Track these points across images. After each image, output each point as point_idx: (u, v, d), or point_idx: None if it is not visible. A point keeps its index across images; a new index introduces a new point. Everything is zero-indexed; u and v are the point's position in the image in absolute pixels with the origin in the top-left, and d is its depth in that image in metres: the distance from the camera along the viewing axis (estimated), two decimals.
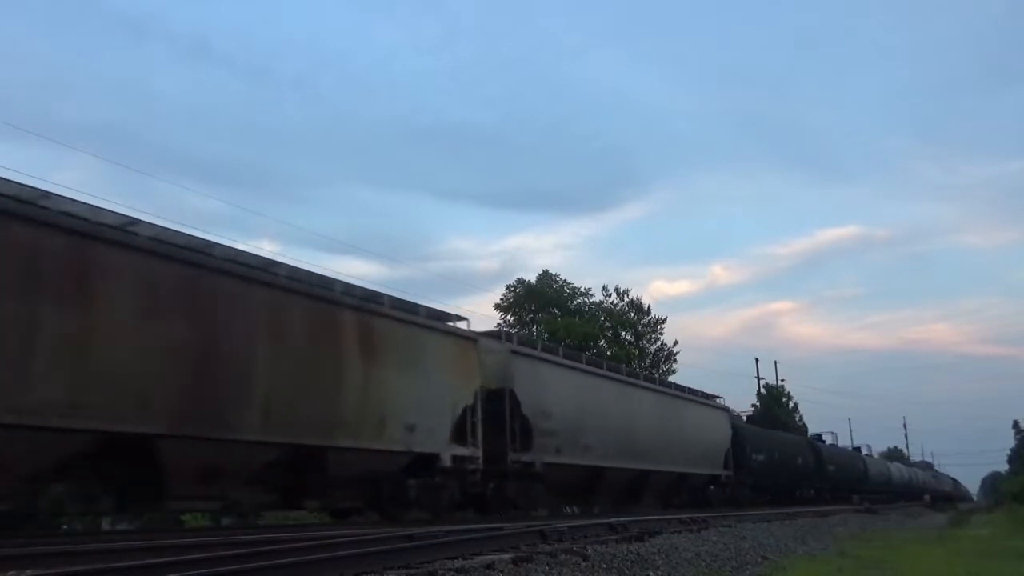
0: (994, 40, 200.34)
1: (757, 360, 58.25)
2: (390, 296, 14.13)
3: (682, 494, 25.93)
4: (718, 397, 29.61)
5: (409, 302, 14.67)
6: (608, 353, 39.02)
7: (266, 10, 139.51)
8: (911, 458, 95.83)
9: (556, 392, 18.17)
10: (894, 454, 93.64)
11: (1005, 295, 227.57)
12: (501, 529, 10.10)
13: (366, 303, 13.24)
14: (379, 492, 13.54)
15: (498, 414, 16.09)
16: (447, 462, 14.38)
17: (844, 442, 60.56)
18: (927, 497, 61.91)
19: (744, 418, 48.50)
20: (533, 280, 41.82)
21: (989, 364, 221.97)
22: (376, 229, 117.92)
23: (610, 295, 42.76)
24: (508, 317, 40.50)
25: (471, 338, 15.85)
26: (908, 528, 25.54)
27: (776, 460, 33.69)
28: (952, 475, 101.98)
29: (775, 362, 60.75)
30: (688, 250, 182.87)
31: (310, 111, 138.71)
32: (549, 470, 17.38)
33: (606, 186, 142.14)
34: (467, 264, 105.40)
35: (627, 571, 8.50)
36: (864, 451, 57.77)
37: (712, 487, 27.85)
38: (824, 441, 53.09)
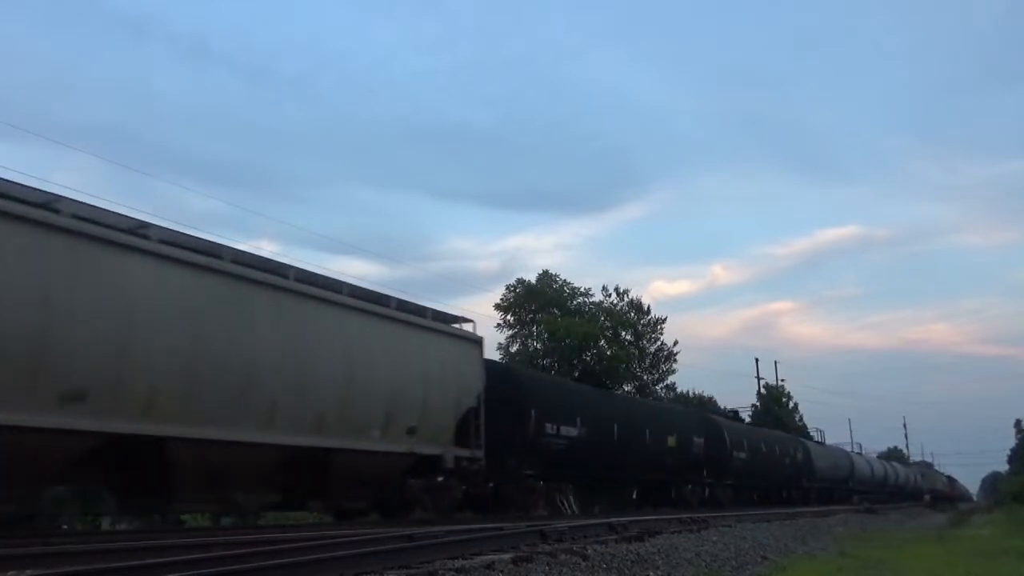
0: (994, 40, 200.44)
1: (757, 360, 58.25)
2: None
3: (331, 489, 13.11)
4: (466, 320, 17.01)
5: None
6: (608, 353, 39.02)
7: (266, 10, 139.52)
8: (911, 458, 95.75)
9: None
10: (894, 454, 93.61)
11: (1005, 295, 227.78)
12: (501, 529, 10.11)
13: None
14: None
15: None
16: None
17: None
18: (927, 497, 61.90)
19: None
20: (533, 280, 41.82)
21: (989, 364, 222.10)
22: (376, 229, 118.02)
23: (610, 295, 42.76)
24: (508, 317, 40.50)
25: None
26: (908, 528, 25.54)
27: (613, 440, 21.39)
28: (952, 475, 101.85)
29: (775, 362, 60.73)
30: (688, 250, 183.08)
31: (310, 111, 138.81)
32: None
33: (606, 186, 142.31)
34: (467, 264, 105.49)
35: (627, 571, 8.50)
36: (817, 438, 51.17)
37: (440, 479, 15.40)
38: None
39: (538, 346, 39.09)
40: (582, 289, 42.31)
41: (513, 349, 39.42)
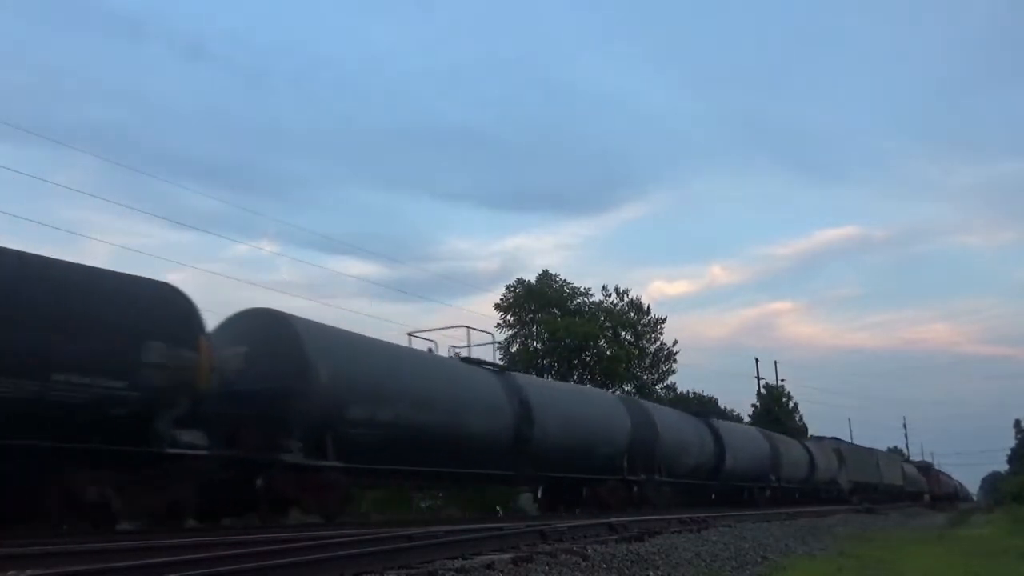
0: (993, 40, 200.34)
1: (757, 360, 58.16)
2: None
3: None
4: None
5: None
6: (608, 353, 39.03)
7: (263, 11, 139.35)
8: (911, 458, 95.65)
9: None
10: (894, 454, 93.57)
11: (1004, 295, 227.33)
12: (501, 529, 10.11)
13: None
14: None
15: None
16: None
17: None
18: (927, 497, 61.91)
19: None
20: (533, 280, 41.85)
21: (989, 364, 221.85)
22: (376, 229, 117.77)
23: (610, 295, 42.78)
24: (508, 317, 40.53)
25: None
26: (908, 528, 25.55)
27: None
28: (953, 475, 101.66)
29: (775, 362, 60.55)
30: (687, 250, 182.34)
31: (309, 111, 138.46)
32: None
33: (605, 187, 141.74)
34: (467, 264, 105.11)
35: (627, 571, 8.50)
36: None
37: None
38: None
39: (538, 346, 39.11)
40: (582, 289, 42.37)
41: (513, 349, 39.45)
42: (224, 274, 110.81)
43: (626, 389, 39.27)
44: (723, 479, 27.74)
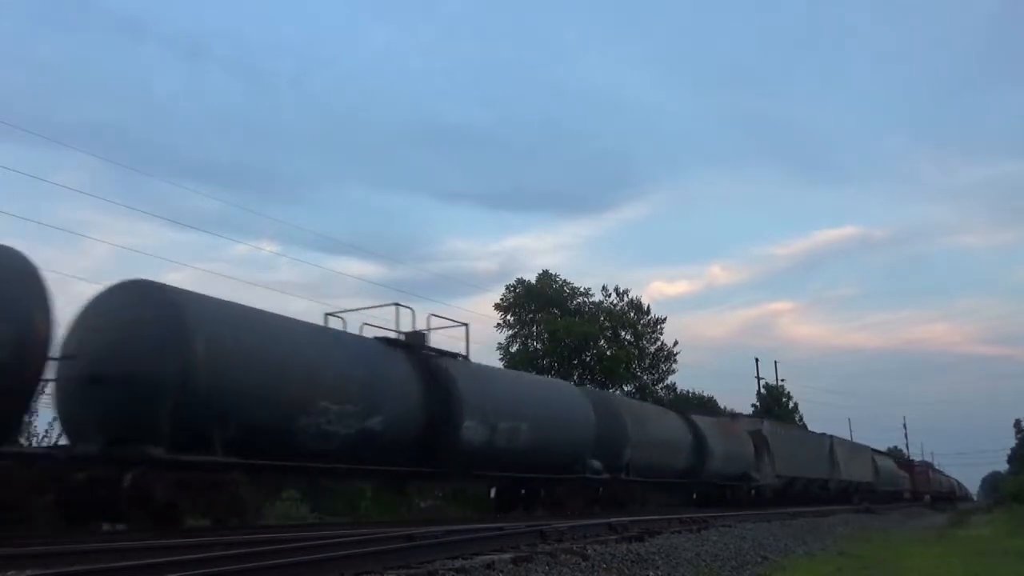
0: (992, 40, 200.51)
1: (757, 360, 58.12)
2: None
3: None
4: None
5: None
6: (608, 353, 39.04)
7: (261, 11, 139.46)
8: (911, 458, 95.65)
9: None
10: (894, 454, 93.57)
11: (1004, 295, 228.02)
12: (501, 529, 10.11)
13: None
14: None
15: None
16: None
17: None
18: (927, 497, 61.95)
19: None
20: (533, 280, 41.86)
21: (989, 364, 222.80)
22: (376, 229, 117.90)
23: (610, 295, 42.78)
24: (508, 317, 40.54)
25: None
26: (908, 528, 25.56)
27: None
28: (953, 475, 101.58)
29: (775, 362, 60.50)
30: (686, 251, 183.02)
31: (309, 112, 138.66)
32: None
33: (604, 187, 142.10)
34: (466, 264, 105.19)
35: (627, 571, 8.51)
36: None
37: None
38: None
39: (538, 346, 39.13)
40: (582, 289, 42.38)
41: (513, 349, 39.49)
42: (224, 274, 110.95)
43: (626, 389, 39.27)
44: (454, 461, 15.00)
